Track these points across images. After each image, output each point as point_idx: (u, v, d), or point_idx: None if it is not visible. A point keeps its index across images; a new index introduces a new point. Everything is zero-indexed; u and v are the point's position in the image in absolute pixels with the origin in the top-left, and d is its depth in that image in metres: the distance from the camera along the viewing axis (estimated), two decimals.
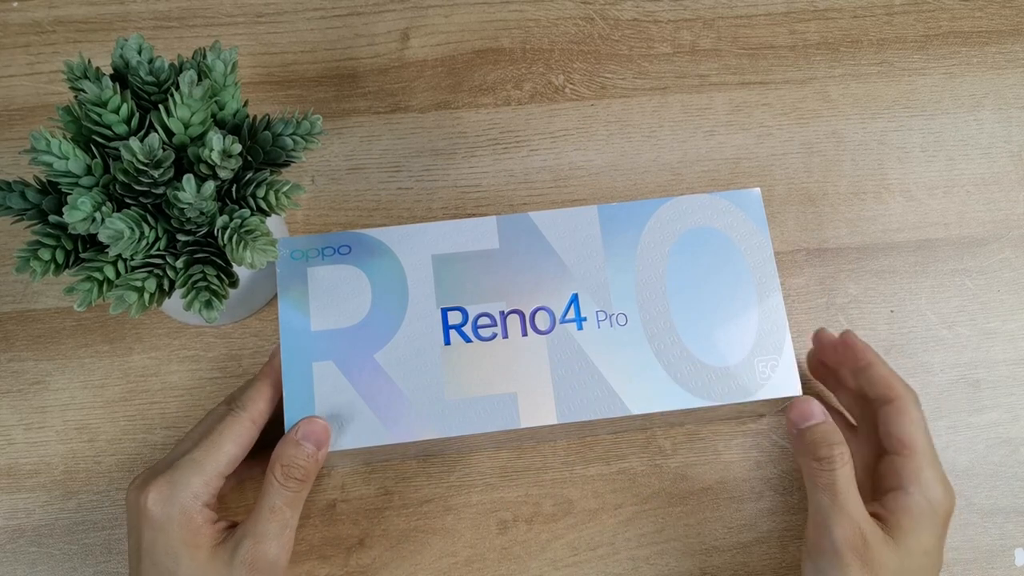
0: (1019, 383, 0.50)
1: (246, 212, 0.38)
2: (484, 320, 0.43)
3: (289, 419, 0.41)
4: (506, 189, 0.52)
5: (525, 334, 0.43)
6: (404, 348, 0.43)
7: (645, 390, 0.42)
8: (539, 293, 0.43)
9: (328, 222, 0.51)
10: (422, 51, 0.53)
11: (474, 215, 0.51)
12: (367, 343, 0.42)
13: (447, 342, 0.43)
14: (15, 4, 0.52)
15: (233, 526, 0.40)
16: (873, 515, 0.40)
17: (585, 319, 0.43)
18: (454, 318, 0.43)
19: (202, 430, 0.41)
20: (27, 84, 0.52)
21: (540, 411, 0.42)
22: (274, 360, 0.43)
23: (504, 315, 0.43)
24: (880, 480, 0.42)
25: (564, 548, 0.47)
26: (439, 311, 0.43)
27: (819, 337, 0.47)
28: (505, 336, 0.43)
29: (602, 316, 0.43)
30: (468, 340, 0.43)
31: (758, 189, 0.45)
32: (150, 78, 0.37)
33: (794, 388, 0.43)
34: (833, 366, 0.46)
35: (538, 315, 0.43)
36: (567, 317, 0.43)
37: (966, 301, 0.51)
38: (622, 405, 0.42)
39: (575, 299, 0.43)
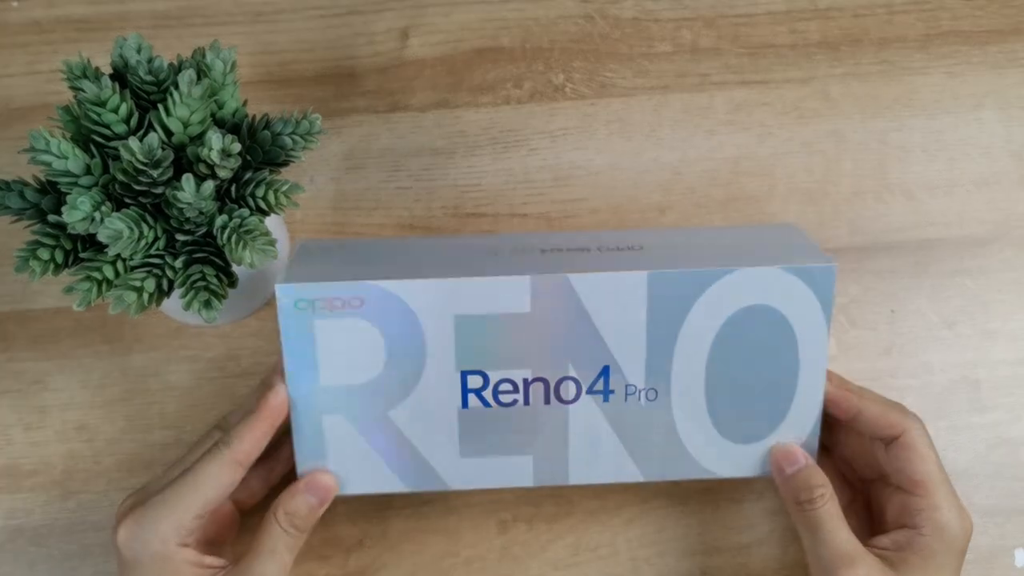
0: (1020, 383, 0.50)
1: (245, 212, 0.38)
2: (506, 386, 0.41)
3: (301, 467, 0.41)
4: (506, 188, 0.52)
5: (548, 402, 0.41)
6: (419, 408, 0.41)
7: (661, 459, 0.42)
8: (567, 363, 0.41)
9: (328, 221, 0.51)
10: (422, 50, 0.53)
11: (474, 215, 0.51)
12: (380, 400, 0.41)
13: (465, 406, 0.41)
14: (15, 4, 0.52)
15: (220, 567, 0.39)
16: (878, 547, 0.40)
17: (613, 392, 0.41)
18: (474, 382, 0.41)
19: (189, 461, 0.40)
20: (26, 83, 0.52)
21: (553, 473, 0.42)
22: (270, 394, 0.40)
23: (528, 383, 0.41)
24: (887, 513, 0.42)
25: (564, 548, 0.47)
26: (458, 374, 0.41)
27: None
28: (526, 404, 0.41)
29: (632, 390, 0.41)
30: (487, 405, 0.41)
31: (835, 265, 0.40)
32: (149, 77, 0.37)
33: None
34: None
35: (563, 384, 0.41)
36: (594, 389, 0.41)
37: (967, 301, 0.51)
38: (635, 472, 0.42)
39: (606, 371, 0.41)
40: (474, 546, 0.47)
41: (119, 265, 0.37)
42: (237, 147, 0.37)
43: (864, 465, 0.44)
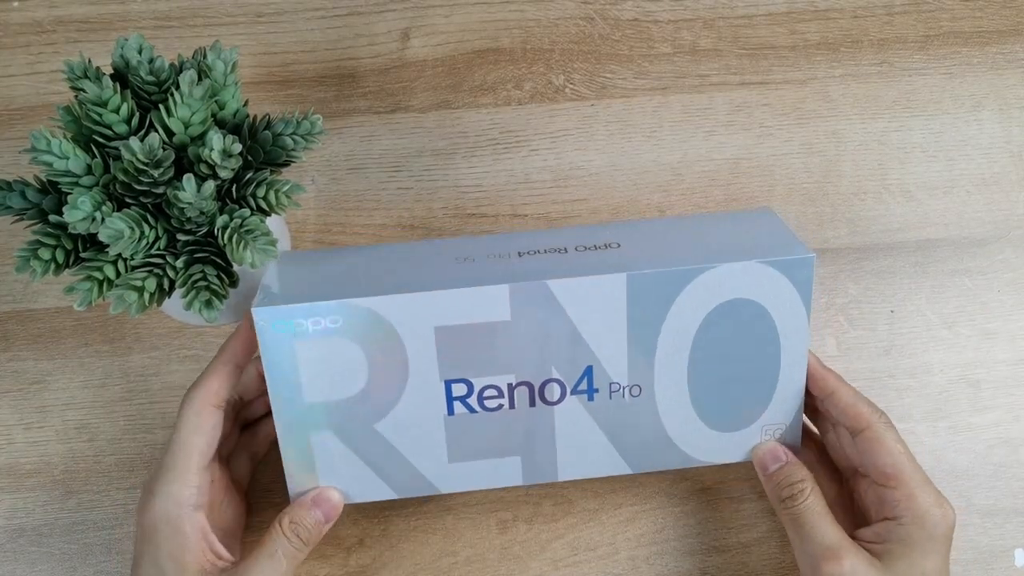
0: (1019, 383, 0.50)
1: (246, 212, 0.38)
2: (490, 392, 0.41)
3: (292, 487, 0.42)
4: (506, 189, 0.52)
5: (533, 404, 0.41)
6: (405, 418, 0.41)
7: (648, 452, 0.43)
8: (551, 365, 0.41)
9: (328, 222, 0.51)
10: (422, 51, 0.53)
11: (475, 215, 0.51)
12: (366, 414, 0.41)
13: (450, 412, 0.41)
14: (15, 4, 0.52)
15: (229, 561, 0.40)
16: (863, 540, 0.40)
17: (597, 391, 0.41)
18: (458, 390, 0.41)
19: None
20: (27, 84, 0.52)
21: (542, 471, 0.43)
22: (233, 342, 0.41)
23: (512, 387, 0.41)
24: (868, 507, 0.42)
25: (564, 548, 0.47)
26: (442, 383, 0.40)
27: None
28: (512, 407, 0.41)
29: (616, 387, 0.41)
30: (473, 411, 0.41)
31: (813, 255, 0.40)
32: (150, 78, 0.37)
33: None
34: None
35: (548, 386, 0.41)
36: (579, 389, 0.41)
37: (966, 301, 0.51)
38: (623, 465, 0.43)
39: (589, 371, 0.41)
40: (474, 546, 0.47)
41: (120, 265, 0.37)
42: (238, 147, 0.37)
43: (840, 456, 0.44)
